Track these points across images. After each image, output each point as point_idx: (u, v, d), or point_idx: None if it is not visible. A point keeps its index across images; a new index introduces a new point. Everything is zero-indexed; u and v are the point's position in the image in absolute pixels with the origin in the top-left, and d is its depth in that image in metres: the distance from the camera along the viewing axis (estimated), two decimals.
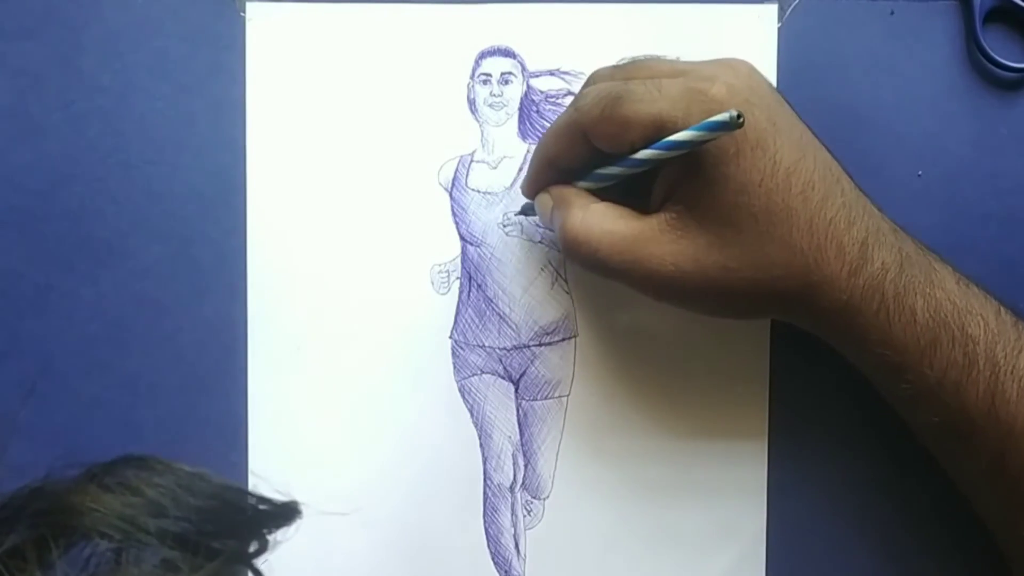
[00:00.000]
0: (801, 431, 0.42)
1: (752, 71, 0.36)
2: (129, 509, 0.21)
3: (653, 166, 0.35)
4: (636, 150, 0.35)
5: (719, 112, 0.33)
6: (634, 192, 0.38)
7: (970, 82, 0.43)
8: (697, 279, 0.35)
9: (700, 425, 0.42)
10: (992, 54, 0.42)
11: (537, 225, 0.42)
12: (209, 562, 0.21)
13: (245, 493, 0.23)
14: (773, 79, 0.42)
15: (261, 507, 0.23)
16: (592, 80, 0.39)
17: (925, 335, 0.35)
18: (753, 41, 0.42)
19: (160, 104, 0.42)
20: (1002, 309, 0.36)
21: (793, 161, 0.35)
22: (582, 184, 0.38)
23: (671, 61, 0.38)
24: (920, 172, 0.42)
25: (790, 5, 0.42)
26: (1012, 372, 0.34)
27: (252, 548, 0.23)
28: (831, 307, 0.35)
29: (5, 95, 0.42)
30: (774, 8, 0.42)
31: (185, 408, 0.42)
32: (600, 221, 0.36)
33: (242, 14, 0.42)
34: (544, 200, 0.39)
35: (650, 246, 0.35)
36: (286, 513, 0.24)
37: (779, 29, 0.42)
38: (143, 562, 0.21)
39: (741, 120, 0.32)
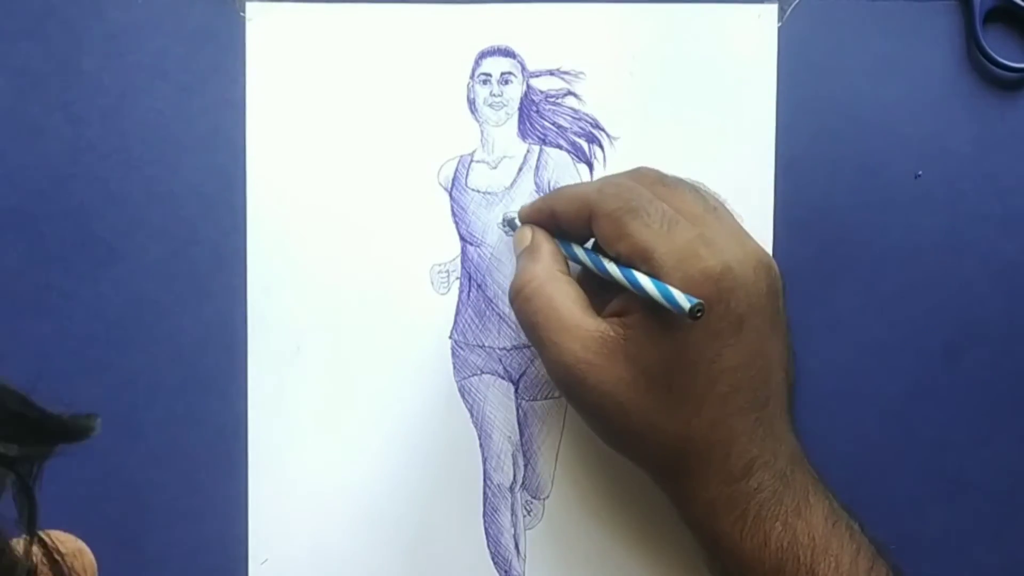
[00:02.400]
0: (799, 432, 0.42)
1: (762, 263, 0.35)
2: None
3: (612, 281, 0.35)
4: (620, 260, 0.35)
5: (702, 285, 0.33)
6: (603, 283, 0.37)
7: (970, 82, 0.43)
8: (591, 397, 0.36)
9: None
10: (992, 54, 0.42)
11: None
12: None
13: (30, 403, 0.23)
14: (773, 79, 0.42)
15: (42, 418, 0.23)
16: (634, 173, 0.38)
17: (772, 561, 0.35)
18: (753, 41, 0.42)
19: (160, 104, 0.42)
20: (862, 552, 0.35)
21: (735, 364, 0.35)
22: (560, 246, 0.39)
23: (706, 202, 0.36)
24: (920, 172, 0.42)
25: (790, 5, 0.42)
26: None
27: (16, 452, 0.23)
28: (693, 499, 0.36)
29: (5, 95, 0.42)
30: (774, 8, 0.42)
31: (185, 408, 0.42)
32: (553, 294, 0.37)
33: (242, 14, 0.42)
34: (523, 236, 0.39)
35: (575, 344, 0.35)
36: (72, 430, 0.24)
37: (779, 29, 0.42)
38: None
39: (699, 315, 0.32)
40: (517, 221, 0.41)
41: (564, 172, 0.43)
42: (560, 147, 0.43)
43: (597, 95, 0.42)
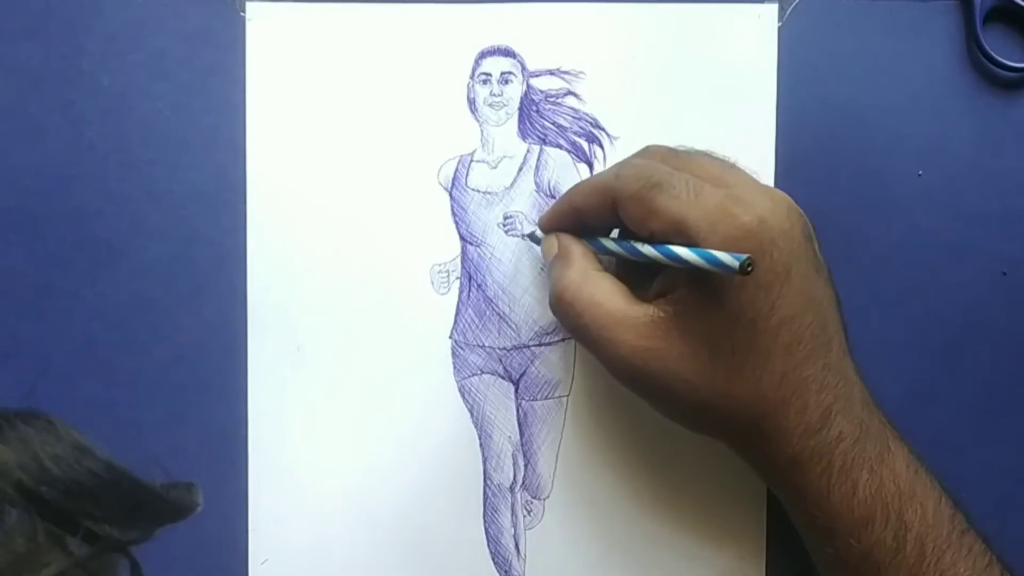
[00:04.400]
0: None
1: (791, 209, 0.35)
2: (18, 471, 0.21)
3: (652, 263, 0.35)
4: (654, 239, 0.35)
5: (742, 241, 0.33)
6: (640, 268, 0.37)
7: (970, 82, 0.43)
8: (658, 381, 0.35)
9: None
10: (992, 54, 0.42)
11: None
12: (87, 545, 0.21)
13: (138, 482, 0.23)
14: (773, 79, 0.42)
15: (149, 499, 0.23)
16: (644, 153, 0.38)
17: (861, 509, 0.35)
18: (753, 41, 0.42)
19: (160, 104, 0.42)
20: (943, 498, 0.36)
21: (791, 313, 0.34)
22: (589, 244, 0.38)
23: (722, 165, 0.37)
24: (920, 172, 0.42)
25: (790, 5, 0.42)
26: (936, 564, 0.34)
27: (131, 536, 0.22)
28: (776, 457, 0.35)
29: (5, 95, 0.42)
30: (774, 8, 0.42)
31: (185, 408, 0.42)
32: (593, 291, 0.36)
33: (242, 14, 0.42)
34: (551, 245, 0.39)
35: (628, 334, 0.35)
36: (177, 509, 0.24)
37: (779, 29, 0.42)
38: (17, 532, 0.20)
39: (750, 269, 0.32)
40: (539, 233, 0.41)
41: (564, 172, 0.43)
42: (560, 147, 0.43)
43: (597, 95, 0.42)
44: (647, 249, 0.35)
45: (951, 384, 0.42)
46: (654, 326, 0.35)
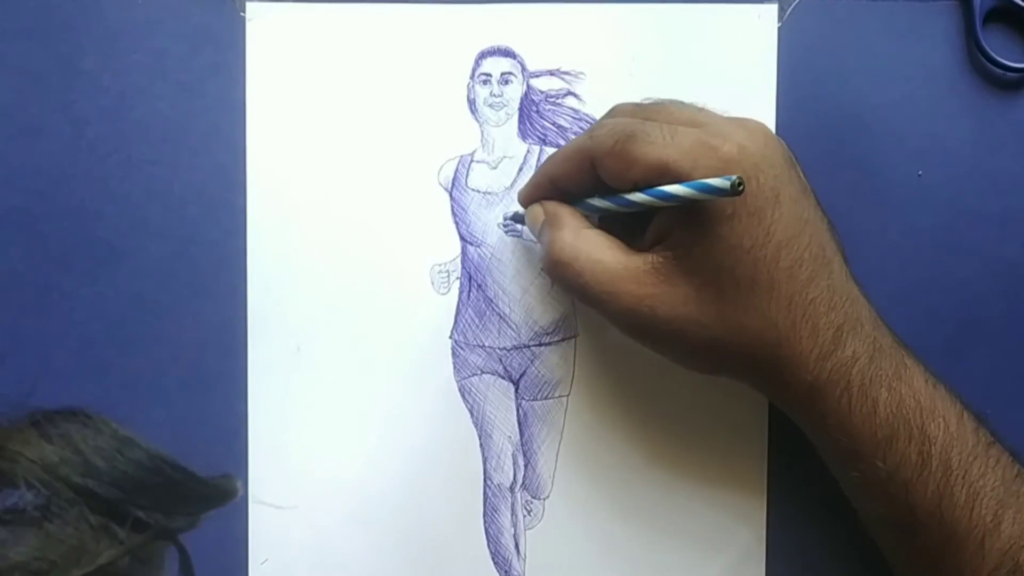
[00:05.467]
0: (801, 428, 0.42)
1: (768, 136, 0.36)
2: (63, 466, 0.21)
3: (643, 210, 0.35)
4: (638, 190, 0.35)
5: (725, 171, 0.33)
6: (630, 224, 0.38)
7: (970, 82, 0.43)
8: (668, 327, 0.35)
9: (700, 424, 0.42)
10: (992, 54, 0.42)
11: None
12: (136, 533, 0.21)
13: (182, 469, 0.23)
14: (773, 79, 0.42)
15: (194, 485, 0.23)
16: (612, 113, 0.39)
17: (883, 428, 0.35)
18: (753, 41, 0.42)
19: (160, 104, 0.42)
20: (965, 413, 0.36)
21: (788, 236, 0.35)
22: (575, 207, 0.38)
23: (692, 109, 0.37)
24: (920, 172, 0.42)
25: (790, 5, 0.42)
26: (964, 477, 0.34)
27: (178, 524, 0.23)
28: (794, 384, 0.35)
29: (5, 95, 0.42)
30: (774, 8, 0.42)
31: (185, 408, 0.42)
32: (589, 248, 0.36)
33: (242, 14, 0.42)
34: (536, 212, 0.39)
35: (631, 284, 0.35)
36: (220, 495, 0.24)
37: (779, 29, 0.42)
38: (68, 524, 0.20)
39: (741, 188, 0.32)
40: (521, 211, 0.41)
41: None
42: (560, 147, 0.43)
43: (597, 95, 0.42)
44: (636, 196, 0.35)
45: (951, 384, 0.42)
46: (655, 273, 0.35)
